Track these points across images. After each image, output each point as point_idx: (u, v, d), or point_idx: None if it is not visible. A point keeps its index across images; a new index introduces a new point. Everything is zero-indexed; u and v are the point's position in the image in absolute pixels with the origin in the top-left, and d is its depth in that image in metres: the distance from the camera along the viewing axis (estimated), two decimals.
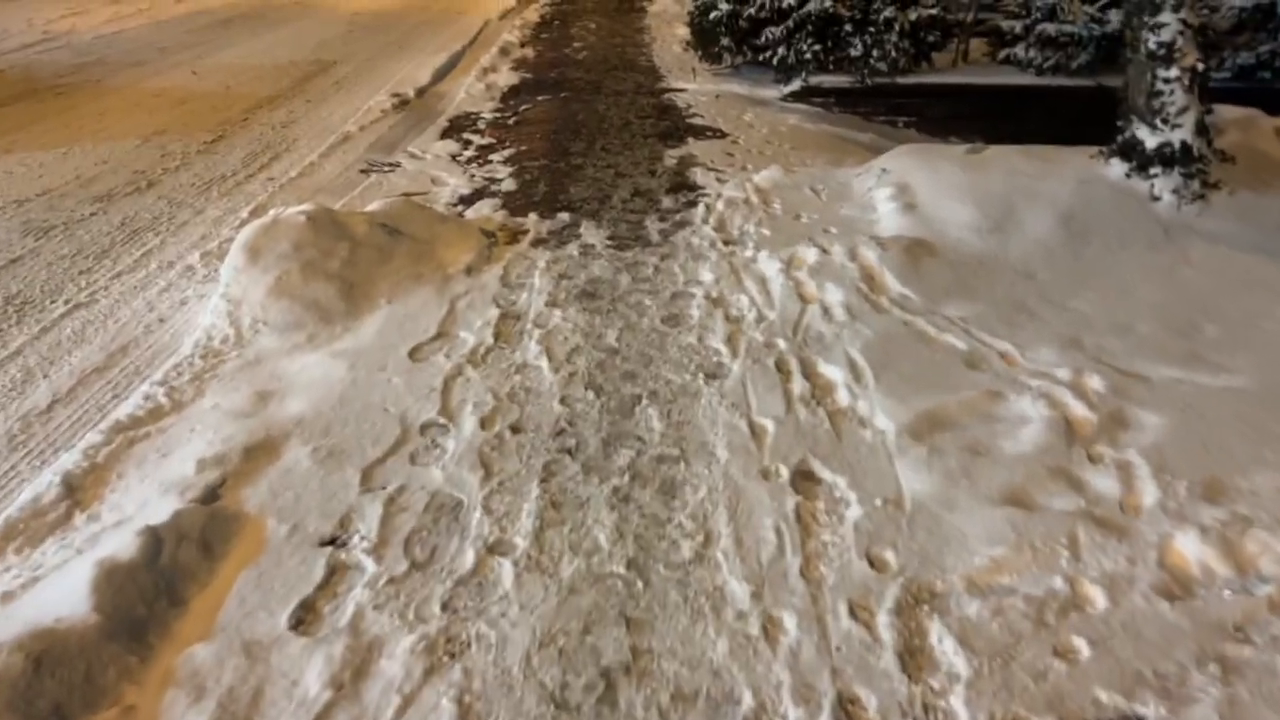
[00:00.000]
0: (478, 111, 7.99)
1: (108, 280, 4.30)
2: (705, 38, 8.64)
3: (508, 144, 6.92)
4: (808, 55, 8.22)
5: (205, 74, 9.04)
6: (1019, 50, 8.47)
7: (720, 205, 5.27)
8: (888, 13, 8.05)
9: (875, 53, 8.10)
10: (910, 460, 2.84)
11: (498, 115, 7.86)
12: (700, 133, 7.10)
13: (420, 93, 8.67)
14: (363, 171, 6.26)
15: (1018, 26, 8.53)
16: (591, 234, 4.92)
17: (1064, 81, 8.28)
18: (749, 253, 4.54)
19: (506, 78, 9.33)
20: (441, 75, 9.53)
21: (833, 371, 3.39)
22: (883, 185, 5.19)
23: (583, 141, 6.88)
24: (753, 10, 8.24)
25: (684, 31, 11.69)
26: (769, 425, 3.06)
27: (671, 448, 2.96)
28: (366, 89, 8.75)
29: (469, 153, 6.73)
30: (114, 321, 3.91)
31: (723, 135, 7.03)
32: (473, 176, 6.12)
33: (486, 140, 7.04)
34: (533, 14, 14.10)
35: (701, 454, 2.92)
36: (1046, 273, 4.20)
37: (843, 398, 3.23)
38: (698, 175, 5.95)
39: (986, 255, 4.34)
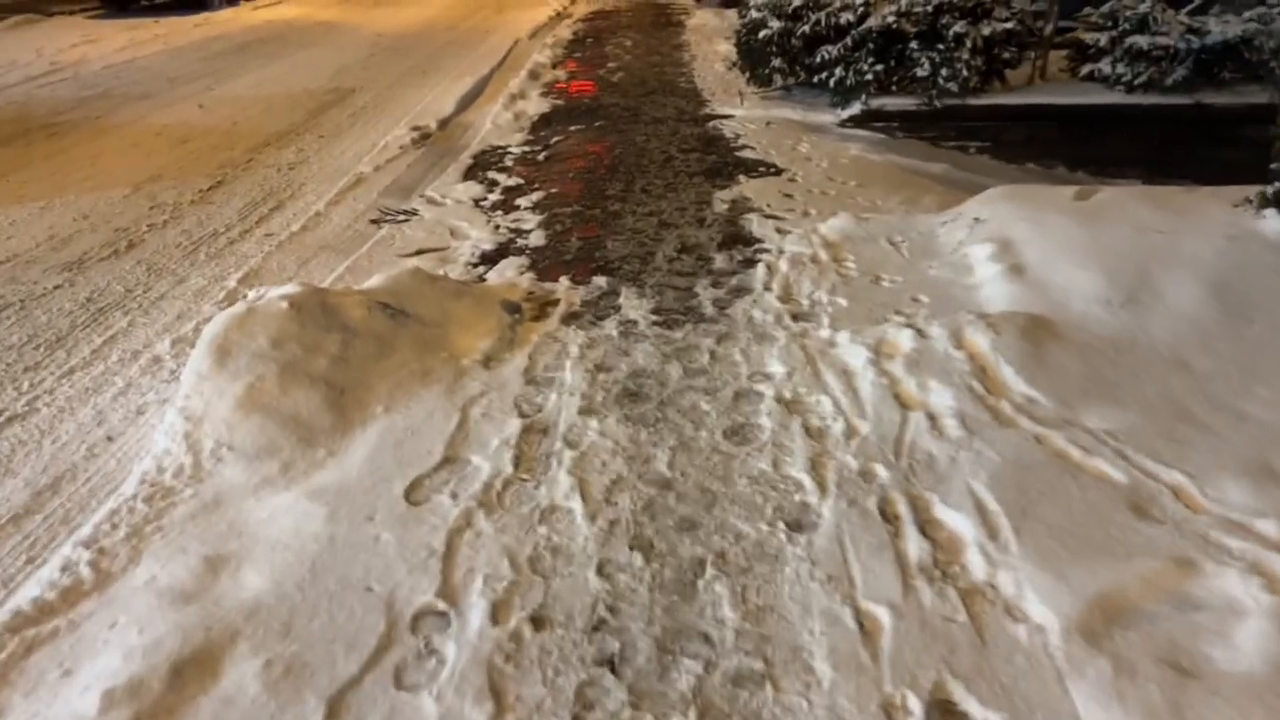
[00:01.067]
0: (505, 145, 7.26)
1: (55, 380, 3.59)
2: (754, 58, 7.85)
3: (537, 185, 6.17)
4: (869, 76, 7.40)
5: (213, 107, 8.41)
6: (1104, 65, 7.58)
7: (783, 265, 4.47)
8: (958, 27, 7.20)
9: (944, 72, 7.25)
10: (1091, 685, 2.02)
11: (526, 149, 7.12)
12: (752, 168, 6.30)
13: (443, 124, 7.97)
14: (374, 222, 5.54)
15: (1102, 39, 7.63)
16: (633, 305, 4.14)
17: (1157, 100, 7.38)
18: (825, 332, 3.73)
19: (536, 105, 8.59)
20: (466, 103, 8.82)
21: (957, 521, 2.58)
22: (978, 240, 4.36)
23: (620, 181, 6.11)
24: (807, 28, 7.43)
25: (725, 48, 10.93)
26: (883, 617, 2.25)
27: (751, 657, 2.16)
28: (385, 121, 8.06)
29: (494, 196, 5.99)
30: (52, 441, 3.19)
31: (777, 171, 6.22)
32: (497, 227, 5.37)
33: (513, 180, 6.30)
34: (565, 31, 13.40)
35: (794, 668, 2.12)
36: (1204, 362, 3.35)
37: (977, 566, 2.41)
38: (754, 224, 5.15)
39: (1123, 337, 3.50)
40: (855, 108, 7.57)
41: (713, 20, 13.68)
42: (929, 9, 7.29)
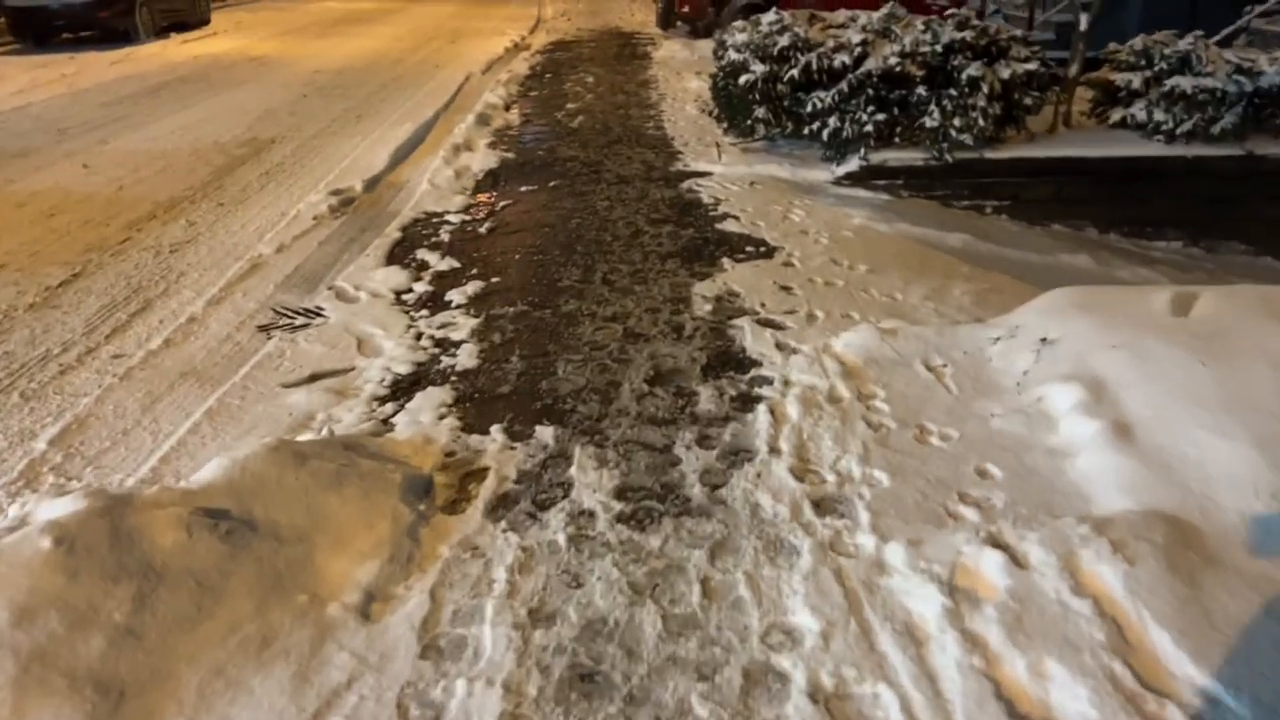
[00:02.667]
0: (442, 212, 6.08)
1: None
2: (733, 106, 6.73)
3: (475, 270, 5.00)
4: (868, 127, 6.30)
5: (101, 166, 7.16)
6: (1138, 110, 6.55)
7: (792, 407, 3.32)
8: (972, 70, 6.13)
9: (956, 122, 6.19)
10: None
11: (467, 218, 5.95)
12: (738, 246, 5.16)
13: (371, 185, 6.78)
14: (263, 329, 4.35)
15: (1135, 80, 6.61)
16: (589, 481, 2.97)
17: (1202, 150, 6.37)
18: (866, 541, 2.58)
19: (483, 158, 7.42)
20: (402, 156, 7.64)
21: None
22: (1054, 376, 3.24)
23: (577, 266, 4.95)
24: (795, 71, 6.32)
25: (697, 85, 9.87)
26: None
27: None
28: (303, 181, 6.86)
29: (420, 287, 4.82)
30: None
31: (769, 251, 5.09)
32: (419, 337, 4.20)
33: (447, 263, 5.13)
34: (522, 65, 12.28)
35: None
36: None
37: None
38: (747, 335, 4.01)
39: None
40: (852, 163, 6.48)
41: (681, 52, 12.63)
42: (938, 48, 6.22)
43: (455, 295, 4.69)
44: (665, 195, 6.22)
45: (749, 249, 5.14)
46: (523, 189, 6.59)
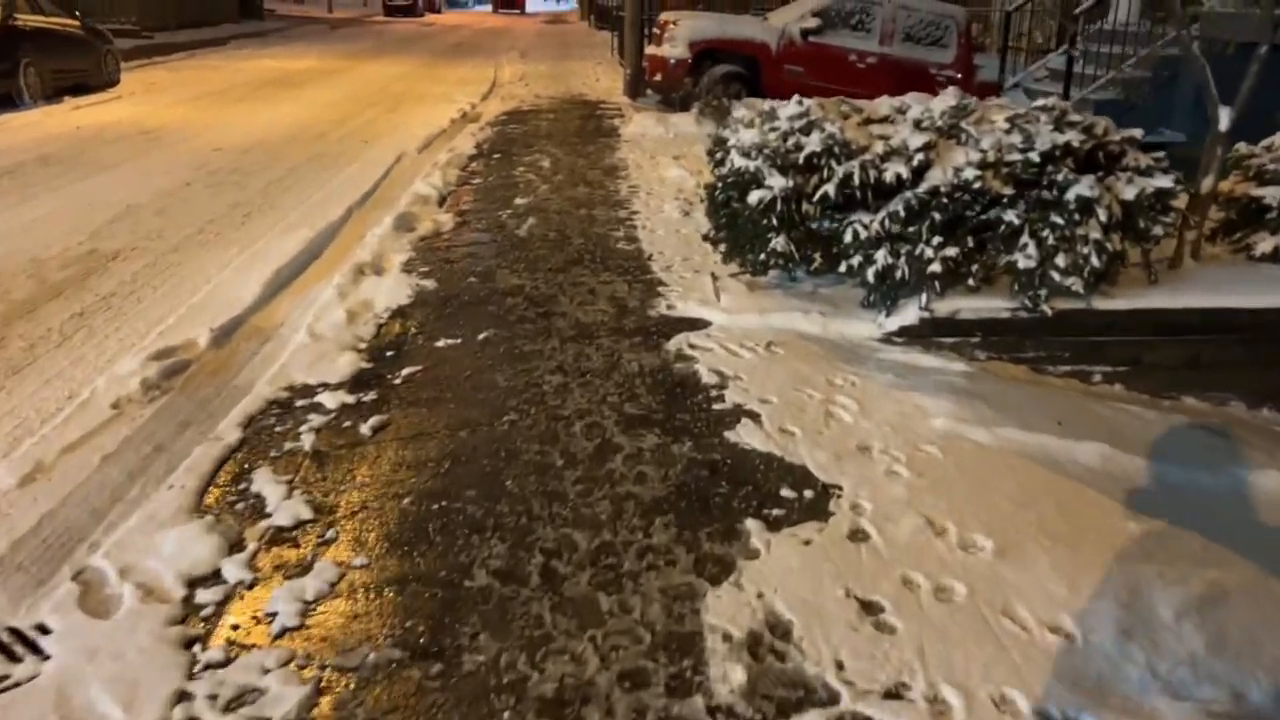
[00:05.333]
0: (315, 389, 4.08)
1: None
2: (739, 231, 4.79)
3: (331, 534, 2.99)
4: (934, 265, 4.39)
5: None
6: None
7: None
8: (1082, 188, 4.27)
9: (1060, 260, 4.30)
10: None
11: (349, 404, 3.94)
12: (767, 488, 3.19)
13: (223, 336, 4.74)
14: None
15: None
16: None
17: None
18: None
19: (393, 288, 5.41)
20: (285, 281, 5.63)
21: None
22: None
23: (501, 537, 2.94)
24: (830, 188, 4.40)
25: (676, 173, 8.01)
26: None
27: None
28: (127, 329, 4.82)
29: (234, 572, 2.82)
30: None
31: (820, 498, 3.11)
32: None
33: (291, 512, 3.14)
34: (467, 141, 10.36)
35: None
36: None
37: None
38: None
39: None
40: (909, 313, 4.57)
41: (654, 128, 10.80)
42: (1032, 156, 4.34)
43: (285, 603, 2.65)
44: (645, 365, 4.24)
45: (785, 492, 3.16)
46: (440, 344, 4.59)
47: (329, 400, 4.02)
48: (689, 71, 11.61)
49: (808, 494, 3.15)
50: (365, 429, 3.74)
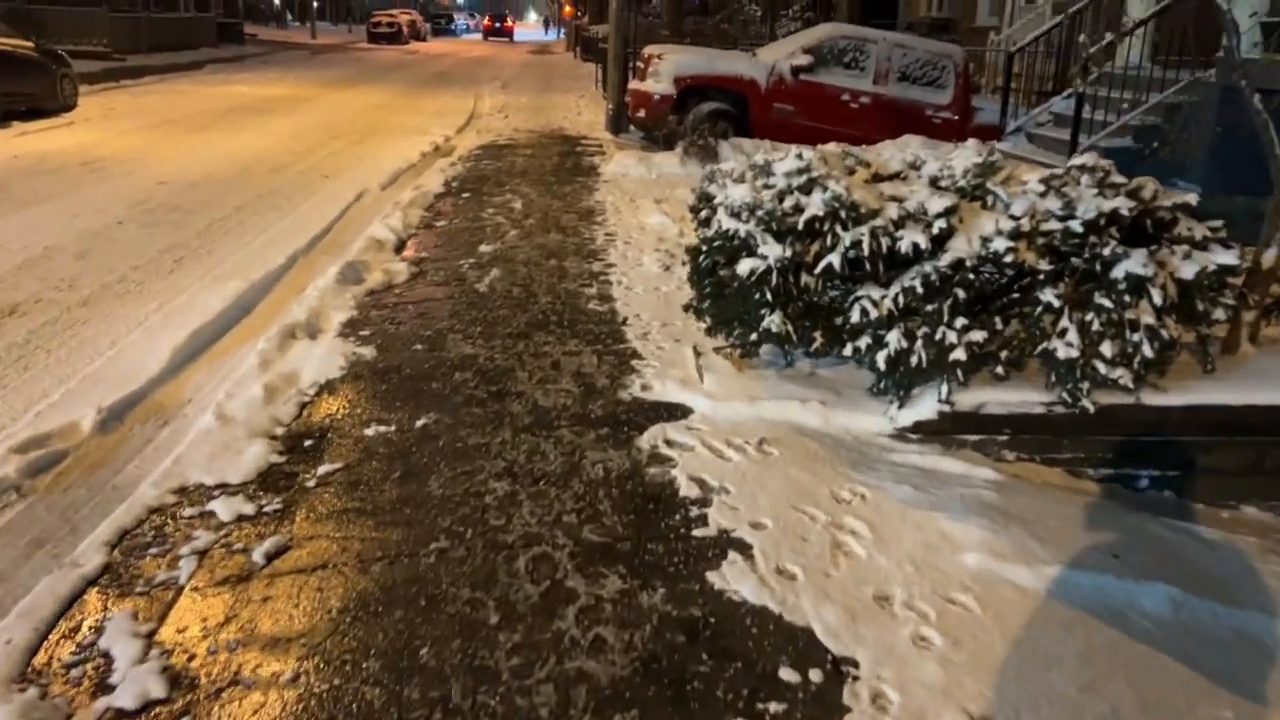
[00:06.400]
0: (210, 495, 3.34)
1: None
2: (725, 305, 4.07)
3: (199, 713, 2.20)
4: (958, 350, 3.68)
5: None
6: None
7: None
8: (1134, 265, 3.58)
9: (1107, 349, 3.60)
10: None
11: (246, 516, 3.22)
12: (762, 665, 2.45)
13: (113, 417, 3.99)
14: None
15: None
16: None
17: None
18: None
19: (325, 357, 4.67)
20: (202, 346, 4.88)
21: None
22: None
23: None
24: (835, 258, 3.70)
25: (657, 220, 7.33)
26: None
27: None
28: (3, 405, 4.04)
29: None
30: None
31: (829, 676, 2.40)
32: None
33: (146, 684, 2.43)
34: (435, 179, 9.66)
35: None
36: None
37: None
38: None
39: None
40: (927, 404, 3.86)
41: (635, 168, 10.14)
42: (1074, 225, 3.66)
43: None
44: (612, 469, 3.51)
45: (786, 674, 2.42)
46: (370, 432, 3.85)
47: (224, 509, 3.27)
48: (674, 108, 10.98)
49: (814, 676, 2.41)
50: (259, 555, 2.99)
